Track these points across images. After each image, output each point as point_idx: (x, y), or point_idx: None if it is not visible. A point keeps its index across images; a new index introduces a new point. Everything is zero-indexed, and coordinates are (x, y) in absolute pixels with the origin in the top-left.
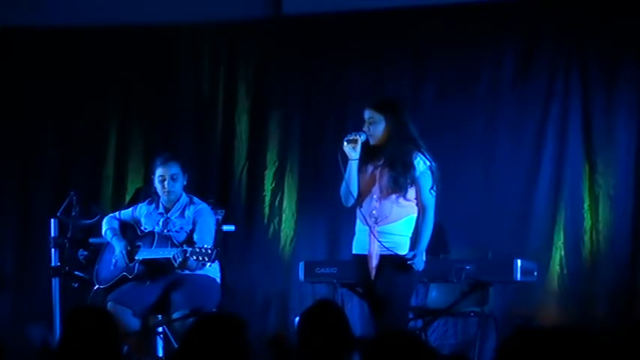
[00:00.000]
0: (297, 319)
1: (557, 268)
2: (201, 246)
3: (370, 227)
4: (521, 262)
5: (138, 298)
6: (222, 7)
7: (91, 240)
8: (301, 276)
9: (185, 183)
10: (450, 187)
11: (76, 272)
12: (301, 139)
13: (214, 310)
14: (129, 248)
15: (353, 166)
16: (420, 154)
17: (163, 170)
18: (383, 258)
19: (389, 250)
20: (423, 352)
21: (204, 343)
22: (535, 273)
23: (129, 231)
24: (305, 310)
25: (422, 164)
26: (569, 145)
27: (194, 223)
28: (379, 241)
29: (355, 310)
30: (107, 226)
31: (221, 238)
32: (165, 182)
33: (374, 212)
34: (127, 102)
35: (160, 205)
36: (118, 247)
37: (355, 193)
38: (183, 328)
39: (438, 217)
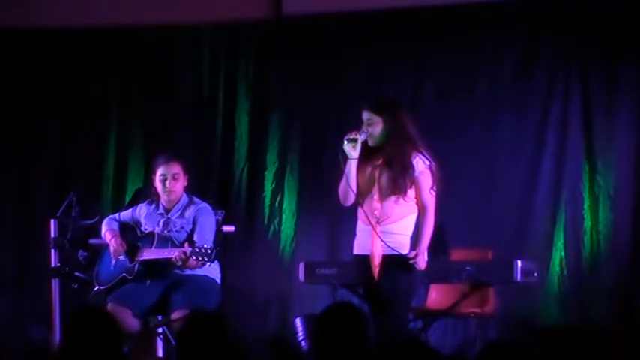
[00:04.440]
0: (297, 319)
1: (558, 268)
2: (200, 245)
3: (372, 227)
4: (522, 263)
5: (138, 299)
6: (222, 7)
7: (90, 241)
8: (301, 277)
9: (186, 184)
10: (450, 187)
11: (76, 273)
12: (301, 140)
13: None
14: (127, 249)
15: (352, 165)
16: (419, 154)
17: (165, 169)
18: (385, 258)
19: (393, 249)
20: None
21: (190, 341)
22: (535, 274)
23: (129, 232)
24: (324, 311)
25: (421, 164)
26: (569, 146)
27: (194, 223)
28: (383, 241)
29: None
30: (106, 227)
31: (221, 238)
32: (167, 182)
33: (376, 213)
34: (126, 102)
35: (160, 205)
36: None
37: (355, 192)
38: None
39: (438, 218)
